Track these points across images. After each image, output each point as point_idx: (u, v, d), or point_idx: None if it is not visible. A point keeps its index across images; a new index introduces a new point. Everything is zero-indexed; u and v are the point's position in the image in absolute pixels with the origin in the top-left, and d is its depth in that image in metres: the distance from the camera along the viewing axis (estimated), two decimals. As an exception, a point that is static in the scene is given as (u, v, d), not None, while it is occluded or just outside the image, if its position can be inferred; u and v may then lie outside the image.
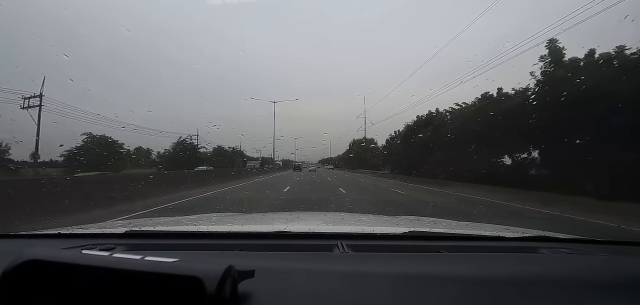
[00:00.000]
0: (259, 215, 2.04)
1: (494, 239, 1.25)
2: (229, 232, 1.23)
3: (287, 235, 1.19)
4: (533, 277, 0.79)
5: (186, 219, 1.75)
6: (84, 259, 0.57)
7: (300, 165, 41.59)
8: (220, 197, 10.00)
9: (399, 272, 0.79)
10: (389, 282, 0.74)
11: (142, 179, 10.69)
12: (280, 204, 7.92)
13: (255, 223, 1.61)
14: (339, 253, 1.01)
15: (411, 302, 0.68)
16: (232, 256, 0.97)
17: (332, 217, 1.86)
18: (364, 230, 1.25)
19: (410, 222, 1.74)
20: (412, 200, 9.51)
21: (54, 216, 5.00)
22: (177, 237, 1.23)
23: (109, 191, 7.97)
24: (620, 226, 5.87)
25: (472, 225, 1.57)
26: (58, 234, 1.20)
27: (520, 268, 0.89)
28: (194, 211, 4.72)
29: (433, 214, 5.98)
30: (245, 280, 0.61)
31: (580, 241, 1.26)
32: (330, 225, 1.56)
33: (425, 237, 1.21)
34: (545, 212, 7.40)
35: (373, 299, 0.67)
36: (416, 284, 0.74)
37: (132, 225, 1.30)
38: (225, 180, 16.48)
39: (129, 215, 5.42)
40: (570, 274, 0.83)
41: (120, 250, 0.99)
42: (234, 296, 0.57)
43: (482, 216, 6.65)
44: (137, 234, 1.18)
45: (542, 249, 1.10)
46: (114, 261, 0.55)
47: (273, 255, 0.97)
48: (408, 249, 1.10)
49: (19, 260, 0.54)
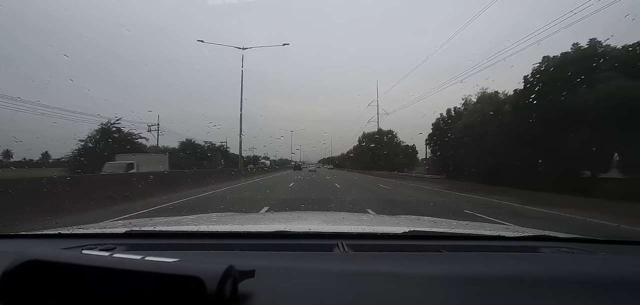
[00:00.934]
0: (259, 215, 2.04)
1: (494, 239, 1.25)
2: (229, 231, 1.23)
3: (287, 234, 1.19)
4: (534, 276, 0.79)
5: (186, 218, 1.75)
6: (84, 259, 0.56)
7: (300, 165, 41.92)
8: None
9: (399, 272, 0.79)
10: (390, 281, 0.74)
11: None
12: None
13: (255, 223, 1.61)
14: (339, 253, 1.01)
15: (412, 301, 0.68)
16: (232, 256, 0.97)
17: (333, 217, 1.87)
18: (364, 229, 1.25)
19: (411, 221, 1.74)
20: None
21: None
22: (178, 237, 1.23)
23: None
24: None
25: (472, 224, 1.58)
26: (58, 234, 1.20)
27: (520, 267, 0.89)
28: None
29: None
30: (245, 280, 0.61)
31: (581, 240, 1.26)
32: (331, 224, 1.56)
33: (425, 237, 1.21)
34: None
35: (373, 299, 0.67)
36: (417, 284, 0.74)
37: (133, 225, 1.30)
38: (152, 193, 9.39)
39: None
40: (571, 274, 0.83)
41: (121, 250, 0.99)
42: (235, 296, 0.57)
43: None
44: (137, 234, 1.18)
45: (542, 248, 1.10)
46: (115, 261, 0.55)
47: (273, 255, 0.97)
48: (408, 248, 1.10)
49: (19, 260, 0.54)
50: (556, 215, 7.60)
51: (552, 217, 7.54)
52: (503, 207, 8.89)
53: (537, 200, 9.57)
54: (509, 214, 7.51)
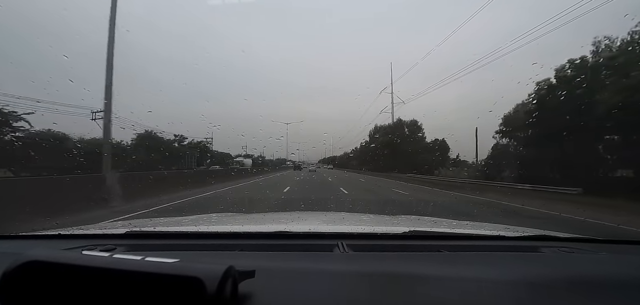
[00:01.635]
0: (260, 215, 2.04)
1: (494, 239, 1.25)
2: (229, 232, 1.23)
3: (287, 235, 1.19)
4: (533, 276, 0.79)
5: (186, 219, 1.75)
6: (84, 260, 0.56)
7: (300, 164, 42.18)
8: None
9: (399, 272, 0.79)
10: (390, 281, 0.74)
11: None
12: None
13: (255, 223, 1.61)
14: (339, 253, 1.01)
15: (411, 301, 0.68)
16: (232, 256, 0.97)
17: (333, 217, 1.86)
18: (364, 230, 1.25)
19: (411, 221, 1.74)
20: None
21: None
22: (178, 238, 1.23)
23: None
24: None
25: (472, 224, 1.57)
26: (58, 234, 1.20)
27: (520, 267, 0.89)
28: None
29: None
30: (245, 281, 0.61)
31: (581, 240, 1.26)
32: (331, 225, 1.55)
33: (425, 237, 1.21)
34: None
35: (373, 299, 0.67)
36: (417, 284, 0.74)
37: (133, 226, 1.30)
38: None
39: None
40: (571, 273, 0.83)
41: (121, 250, 0.99)
42: (235, 296, 0.57)
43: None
44: (137, 234, 1.18)
45: (542, 248, 1.10)
46: (115, 262, 0.55)
47: (273, 256, 0.97)
48: (408, 248, 1.10)
49: (19, 260, 0.54)
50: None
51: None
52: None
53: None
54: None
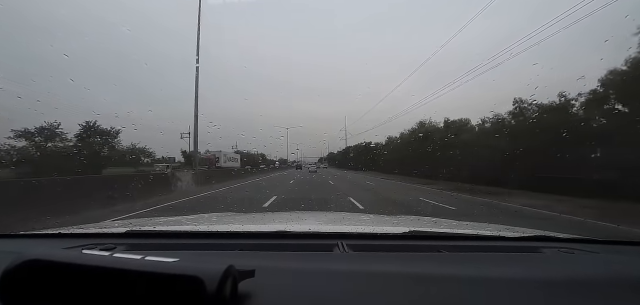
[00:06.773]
0: (259, 215, 2.04)
1: (494, 239, 1.25)
2: (229, 231, 1.23)
3: (287, 235, 1.18)
4: (534, 277, 0.79)
5: (186, 218, 1.75)
6: (84, 259, 0.56)
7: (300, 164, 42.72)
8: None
9: (399, 272, 0.79)
10: (389, 282, 0.74)
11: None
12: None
13: (255, 223, 1.61)
14: (339, 253, 1.01)
15: (411, 302, 0.68)
16: (232, 256, 0.97)
17: (332, 217, 1.86)
18: (364, 230, 1.25)
19: (411, 221, 1.74)
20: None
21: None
22: (178, 237, 1.23)
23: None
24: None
25: (472, 224, 1.57)
26: (58, 233, 1.20)
27: (520, 268, 0.89)
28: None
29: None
30: (245, 280, 0.61)
31: (581, 241, 1.25)
32: (330, 225, 1.55)
33: (425, 237, 1.21)
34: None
35: (373, 299, 0.67)
36: (416, 284, 0.74)
37: (133, 225, 1.30)
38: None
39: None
40: (571, 274, 0.83)
41: (121, 250, 0.99)
42: (235, 296, 0.57)
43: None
44: (137, 233, 1.18)
45: (542, 248, 1.10)
46: (115, 261, 0.55)
47: (273, 255, 0.97)
48: (408, 248, 1.10)
49: (19, 260, 0.54)
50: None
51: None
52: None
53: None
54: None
